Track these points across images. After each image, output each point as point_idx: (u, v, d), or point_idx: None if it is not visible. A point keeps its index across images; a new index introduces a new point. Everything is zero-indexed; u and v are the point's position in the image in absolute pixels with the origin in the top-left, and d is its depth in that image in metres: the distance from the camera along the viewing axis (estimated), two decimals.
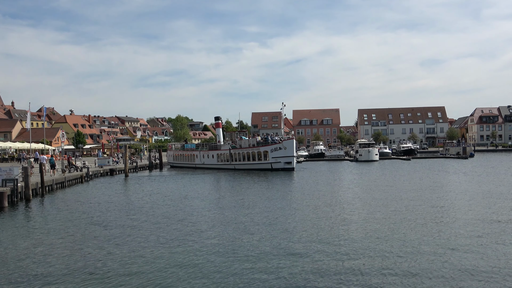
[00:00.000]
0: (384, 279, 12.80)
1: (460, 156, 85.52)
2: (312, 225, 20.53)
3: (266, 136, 64.41)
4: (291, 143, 57.98)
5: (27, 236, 19.89)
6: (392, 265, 14.09)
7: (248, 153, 60.71)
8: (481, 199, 27.93)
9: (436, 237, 17.55)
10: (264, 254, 15.66)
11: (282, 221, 21.73)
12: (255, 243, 17.22)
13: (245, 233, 19.04)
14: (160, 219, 22.99)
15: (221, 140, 72.56)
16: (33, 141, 74.34)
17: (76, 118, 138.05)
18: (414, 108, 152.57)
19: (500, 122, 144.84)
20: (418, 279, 12.74)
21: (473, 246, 16.18)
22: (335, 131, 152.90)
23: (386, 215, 22.57)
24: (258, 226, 20.55)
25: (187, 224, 21.45)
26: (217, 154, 66.68)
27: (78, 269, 14.45)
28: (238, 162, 62.16)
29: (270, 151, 58.01)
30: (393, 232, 18.66)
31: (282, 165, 57.40)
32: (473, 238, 17.35)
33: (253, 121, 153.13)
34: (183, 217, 23.66)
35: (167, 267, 14.44)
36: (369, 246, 16.43)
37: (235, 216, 23.37)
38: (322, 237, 18.04)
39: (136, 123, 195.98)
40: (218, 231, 19.76)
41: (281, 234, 18.66)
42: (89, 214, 25.39)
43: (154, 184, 43.41)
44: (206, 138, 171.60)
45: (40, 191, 34.16)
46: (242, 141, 63.32)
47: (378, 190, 34.17)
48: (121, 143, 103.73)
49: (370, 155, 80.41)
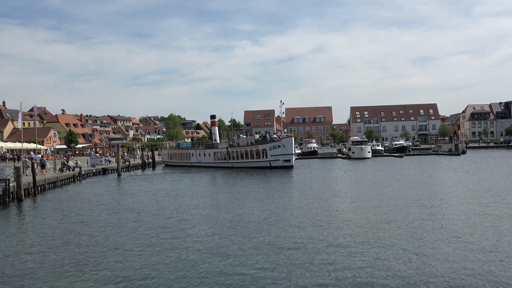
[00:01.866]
0: (385, 275, 12.85)
1: (452, 153, 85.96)
2: (313, 222, 20.56)
3: (264, 134, 64.71)
4: (289, 141, 58.22)
5: (18, 236, 19.76)
6: (392, 260, 14.14)
7: (246, 151, 60.74)
8: (474, 194, 28.09)
9: (438, 234, 17.63)
10: (267, 252, 15.65)
11: (288, 218, 21.73)
12: (260, 240, 17.21)
13: (252, 230, 19.03)
14: (154, 218, 22.90)
15: (217, 139, 72.55)
16: (25, 141, 73.79)
17: (68, 118, 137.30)
18: (406, 105, 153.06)
19: (491, 118, 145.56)
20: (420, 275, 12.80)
21: (467, 239, 16.27)
22: (328, 128, 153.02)
23: (390, 212, 22.67)
24: (264, 224, 20.55)
25: (184, 222, 21.40)
26: (213, 153, 66.64)
27: (70, 269, 14.36)
28: (236, 160, 62.21)
29: (268, 149, 58.20)
30: (396, 228, 18.74)
31: (281, 163, 57.62)
32: (466, 231, 17.45)
33: (245, 119, 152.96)
34: (180, 215, 23.58)
35: (161, 266, 14.38)
36: (374, 246, 16.46)
37: (236, 214, 23.35)
38: (324, 234, 18.06)
39: (129, 122, 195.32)
40: (218, 228, 19.73)
41: (287, 232, 18.66)
42: (82, 214, 25.25)
43: (147, 183, 43.26)
44: (199, 136, 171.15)
45: (32, 191, 33.94)
46: (240, 139, 63.32)
47: (381, 188, 34.26)
48: (113, 142, 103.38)
49: (362, 153, 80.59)
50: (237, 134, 67.13)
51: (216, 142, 70.65)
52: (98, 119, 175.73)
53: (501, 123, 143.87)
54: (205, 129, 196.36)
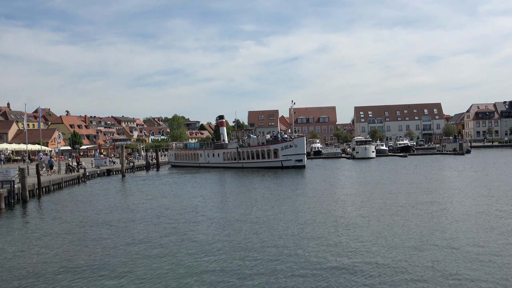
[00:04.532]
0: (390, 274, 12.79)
1: (457, 152, 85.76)
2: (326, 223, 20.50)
3: (276, 134, 64.62)
4: (301, 141, 58.31)
5: (23, 237, 19.75)
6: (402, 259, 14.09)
7: (257, 151, 60.64)
8: (480, 193, 27.97)
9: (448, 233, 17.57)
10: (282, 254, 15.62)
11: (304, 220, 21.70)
12: (272, 240, 17.17)
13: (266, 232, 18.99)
14: (160, 219, 22.81)
15: (225, 139, 72.54)
16: (30, 142, 74.06)
17: (72, 119, 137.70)
18: (411, 105, 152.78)
19: (496, 118, 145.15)
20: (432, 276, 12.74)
21: (474, 239, 16.18)
22: (332, 128, 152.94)
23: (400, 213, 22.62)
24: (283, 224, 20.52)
25: (195, 223, 21.35)
26: (223, 153, 66.55)
27: (75, 270, 14.32)
28: (247, 161, 62.17)
29: (280, 149, 58.18)
30: (403, 227, 18.68)
31: (293, 163, 57.58)
32: (472, 231, 17.37)
33: (249, 119, 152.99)
34: (190, 216, 23.52)
35: (168, 267, 14.32)
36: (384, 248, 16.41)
37: (248, 215, 23.32)
38: (334, 236, 18.01)
39: (133, 123, 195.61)
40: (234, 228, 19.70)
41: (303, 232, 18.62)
42: (87, 215, 25.21)
43: (152, 184, 43.22)
44: (203, 137, 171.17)
45: (37, 192, 33.99)
46: (251, 139, 63.21)
47: (391, 187, 34.23)
48: (117, 143, 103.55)
49: (367, 153, 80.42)
50: (247, 134, 67.19)
51: (225, 142, 70.56)
52: (102, 120, 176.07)
53: (506, 122, 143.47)
54: (209, 129, 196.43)
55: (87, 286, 12.90)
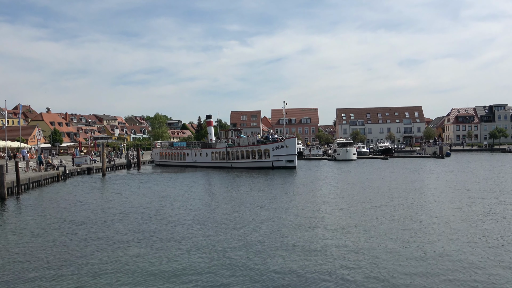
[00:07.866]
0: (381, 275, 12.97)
1: (437, 155, 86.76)
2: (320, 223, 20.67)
3: (267, 135, 64.69)
4: (293, 142, 58.56)
5: (0, 236, 19.57)
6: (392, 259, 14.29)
7: (247, 151, 60.70)
8: (456, 196, 28.44)
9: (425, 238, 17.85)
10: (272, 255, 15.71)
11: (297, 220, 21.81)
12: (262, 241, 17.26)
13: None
14: (140, 219, 22.78)
15: (213, 138, 72.45)
16: (9, 139, 73.09)
17: (52, 116, 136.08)
18: (392, 107, 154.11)
19: (476, 122, 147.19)
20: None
21: (450, 239, 16.49)
22: (314, 130, 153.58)
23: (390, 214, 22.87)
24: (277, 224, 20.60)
25: (175, 222, 21.38)
26: (211, 152, 66.38)
27: (53, 270, 14.26)
28: (236, 160, 62.15)
29: (271, 149, 58.38)
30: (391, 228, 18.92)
31: (284, 164, 57.78)
32: (449, 231, 17.69)
33: (232, 119, 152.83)
34: (169, 216, 23.53)
35: (148, 266, 14.35)
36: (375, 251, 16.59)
37: (242, 215, 23.39)
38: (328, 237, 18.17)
39: (114, 121, 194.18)
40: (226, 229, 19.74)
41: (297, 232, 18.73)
42: (66, 213, 25.03)
43: (133, 183, 43.01)
44: (185, 136, 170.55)
45: (15, 190, 33.62)
46: (241, 139, 63.35)
47: (374, 188, 34.54)
48: (98, 142, 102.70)
49: (348, 155, 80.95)
50: (237, 134, 67.14)
51: (212, 141, 70.36)
52: (83, 118, 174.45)
53: (485, 126, 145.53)
54: (191, 129, 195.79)
55: (63, 283, 12.85)
